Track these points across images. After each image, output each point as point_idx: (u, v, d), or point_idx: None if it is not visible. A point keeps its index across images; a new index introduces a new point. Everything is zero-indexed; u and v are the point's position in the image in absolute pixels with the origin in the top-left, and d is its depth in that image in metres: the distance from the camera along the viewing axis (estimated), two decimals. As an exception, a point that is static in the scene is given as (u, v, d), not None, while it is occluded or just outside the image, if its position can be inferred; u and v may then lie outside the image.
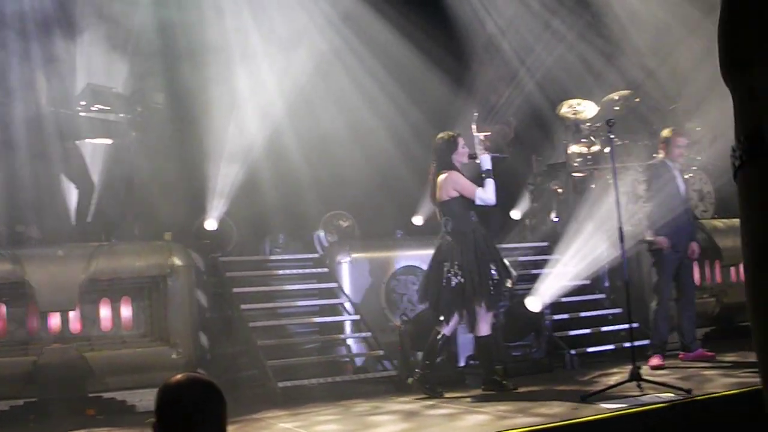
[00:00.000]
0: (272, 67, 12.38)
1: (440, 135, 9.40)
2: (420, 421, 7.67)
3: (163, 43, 11.74)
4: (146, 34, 11.53)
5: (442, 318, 9.08)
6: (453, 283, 8.92)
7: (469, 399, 8.68)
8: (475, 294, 8.89)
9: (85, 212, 10.14)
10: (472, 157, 9.31)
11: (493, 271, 8.99)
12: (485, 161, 9.22)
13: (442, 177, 9.14)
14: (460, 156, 9.28)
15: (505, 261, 9.39)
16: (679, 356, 10.21)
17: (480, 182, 9.11)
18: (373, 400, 8.94)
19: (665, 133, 10.44)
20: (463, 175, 9.22)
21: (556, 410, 7.50)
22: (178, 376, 3.24)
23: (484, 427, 7.09)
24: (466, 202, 9.07)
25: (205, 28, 11.81)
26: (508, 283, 9.21)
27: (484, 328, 9.05)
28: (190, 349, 9.24)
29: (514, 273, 9.51)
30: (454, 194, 9.07)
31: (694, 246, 10.12)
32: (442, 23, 14.09)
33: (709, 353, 10.09)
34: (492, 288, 8.97)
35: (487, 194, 9.04)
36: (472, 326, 9.15)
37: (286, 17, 12.79)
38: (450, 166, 9.19)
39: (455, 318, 9.06)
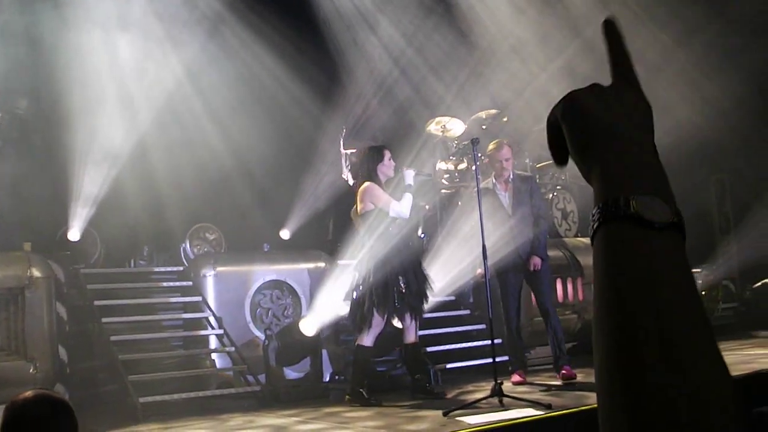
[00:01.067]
0: (139, 75, 12.20)
1: (365, 147, 9.53)
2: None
3: (27, 48, 11.44)
4: (8, 38, 11.21)
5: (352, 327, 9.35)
6: (355, 295, 9.03)
7: (336, 414, 8.67)
8: (373, 306, 8.96)
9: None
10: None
11: (401, 284, 9.05)
12: (408, 176, 9.35)
13: (362, 188, 9.21)
14: (386, 168, 9.35)
15: (423, 275, 9.48)
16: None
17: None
18: (246, 415, 8.90)
19: (489, 147, 10.22)
20: (382, 187, 9.29)
21: (419, 425, 7.56)
22: (26, 393, 3.12)
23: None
24: (383, 214, 9.14)
25: (70, 33, 11.54)
26: (424, 298, 9.34)
27: (369, 340, 9.12)
28: (48, 363, 9.00)
29: (431, 288, 9.57)
30: (371, 206, 9.14)
31: (534, 260, 9.86)
32: (312, 37, 14.10)
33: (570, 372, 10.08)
34: (396, 301, 9.05)
35: (401, 207, 9.14)
36: (360, 334, 9.22)
37: (154, 23, 12.63)
38: (371, 178, 9.26)
39: (370, 328, 9.09)
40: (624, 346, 1.06)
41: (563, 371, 9.69)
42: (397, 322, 9.39)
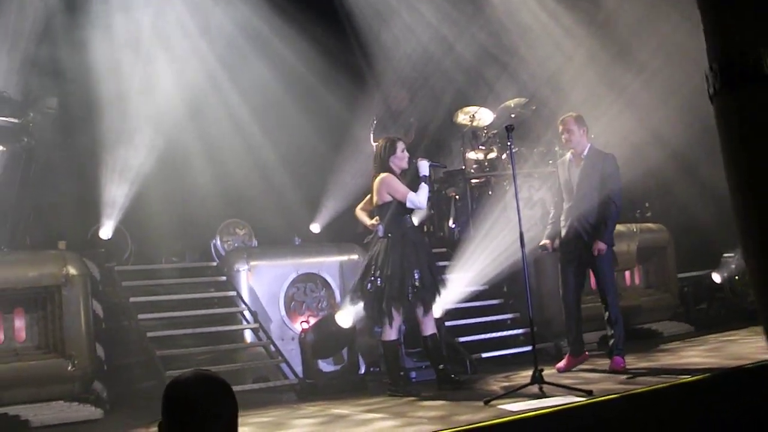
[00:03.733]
0: (166, 76, 12.19)
1: (380, 139, 9.50)
2: (331, 427, 7.64)
3: (57, 46, 11.46)
4: (39, 38, 11.23)
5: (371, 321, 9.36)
6: (371, 287, 9.01)
7: (374, 405, 8.65)
8: (391, 299, 8.94)
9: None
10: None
11: (416, 278, 9.02)
12: (423, 167, 9.33)
13: (378, 179, 9.19)
14: (399, 160, 9.33)
15: (435, 269, 9.45)
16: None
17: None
18: (292, 407, 8.96)
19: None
20: (398, 178, 9.27)
21: (459, 414, 7.53)
22: (187, 373, 3.07)
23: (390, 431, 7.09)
24: (401, 205, 9.13)
25: (99, 34, 11.56)
26: (436, 293, 9.30)
27: (392, 334, 9.11)
28: (86, 360, 9.01)
29: (444, 283, 9.58)
30: (388, 198, 9.12)
31: (598, 245, 9.57)
32: (338, 30, 14.07)
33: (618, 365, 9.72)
34: (410, 295, 9.00)
35: (418, 198, 9.14)
36: (381, 329, 9.20)
37: (181, 25, 12.63)
38: (386, 169, 9.25)
39: (391, 322, 9.08)
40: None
41: (613, 363, 9.55)
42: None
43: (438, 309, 10.37)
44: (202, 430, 2.94)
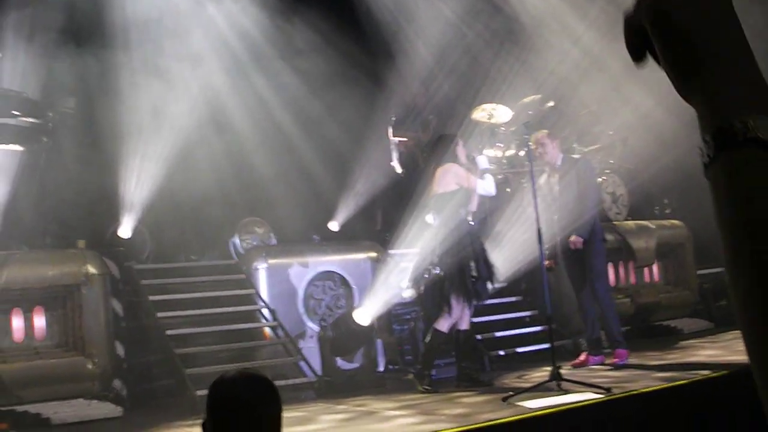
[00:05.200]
0: (186, 73, 12.22)
1: (442, 134, 9.73)
2: (353, 424, 7.65)
3: (76, 46, 11.51)
4: (58, 38, 11.28)
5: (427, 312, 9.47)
6: (431, 276, 9.03)
7: (394, 402, 8.67)
8: (451, 291, 8.94)
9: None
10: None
11: (472, 268, 9.05)
12: (482, 161, 9.61)
13: (442, 168, 9.22)
14: (461, 154, 9.40)
15: (490, 261, 9.46)
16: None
17: None
18: (304, 406, 8.95)
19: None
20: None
21: (478, 411, 7.53)
22: (232, 373, 3.07)
23: (412, 428, 7.09)
24: (461, 197, 9.20)
25: (118, 34, 11.60)
26: (488, 285, 9.33)
27: (442, 324, 9.11)
28: (106, 359, 9.06)
29: (497, 275, 9.59)
30: (453, 187, 9.19)
31: (571, 238, 9.83)
32: (357, 28, 14.07)
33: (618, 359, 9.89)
34: (470, 285, 9.06)
35: (488, 185, 9.36)
36: (438, 319, 9.21)
37: (201, 22, 12.67)
38: (454, 160, 9.31)
39: (446, 312, 9.10)
40: None
41: (616, 355, 9.62)
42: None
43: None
44: (248, 429, 2.95)
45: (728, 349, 10.16)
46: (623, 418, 7.36)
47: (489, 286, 9.40)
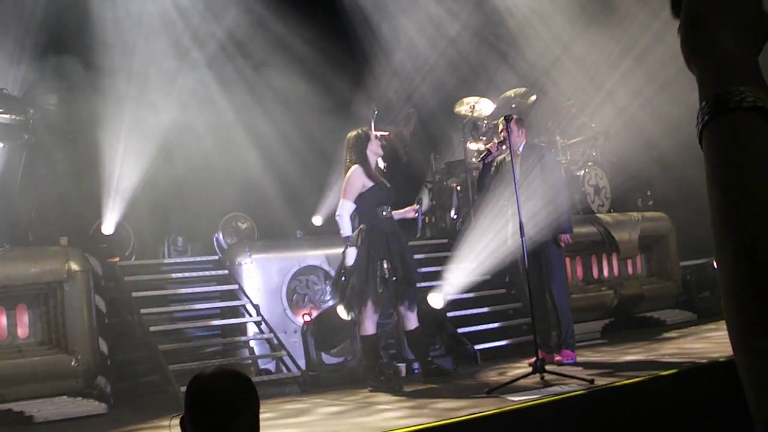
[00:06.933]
0: (169, 68, 12.19)
1: (351, 132, 9.39)
2: (338, 418, 7.65)
3: (56, 43, 11.46)
4: (38, 34, 11.22)
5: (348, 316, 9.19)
6: (343, 279, 8.99)
7: (377, 397, 8.67)
8: (359, 291, 8.89)
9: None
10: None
11: (384, 268, 8.90)
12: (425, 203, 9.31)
13: (349, 171, 9.12)
14: (375, 146, 9.29)
15: (409, 261, 9.33)
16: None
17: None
18: (289, 400, 8.94)
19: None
20: (370, 171, 9.16)
21: (461, 404, 7.54)
22: (211, 369, 3.11)
23: (397, 422, 7.08)
24: (371, 197, 9.06)
25: (99, 28, 11.55)
26: (409, 287, 9.20)
27: (369, 327, 9.04)
28: (89, 355, 9.02)
29: (416, 275, 9.44)
30: (358, 189, 9.08)
31: (563, 237, 9.73)
32: (337, 23, 14.05)
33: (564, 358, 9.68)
34: (380, 287, 8.88)
35: (342, 219, 9.05)
36: (359, 324, 9.14)
37: (183, 20, 12.65)
38: (361, 160, 9.15)
39: (363, 314, 9.00)
40: (760, 237, 1.01)
41: (562, 355, 9.53)
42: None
43: (440, 300, 10.39)
44: (225, 425, 2.95)
45: (711, 341, 10.21)
46: (606, 410, 7.38)
47: (412, 286, 9.22)
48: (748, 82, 1.08)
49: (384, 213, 9.12)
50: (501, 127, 9.64)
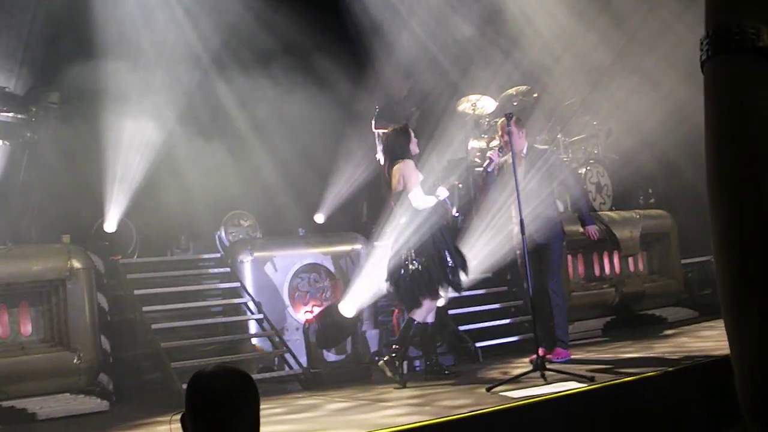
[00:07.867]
0: (173, 64, 12.20)
1: (392, 127, 9.50)
2: (339, 415, 7.66)
3: (59, 41, 11.47)
4: (40, 32, 11.24)
5: (405, 306, 9.35)
6: (411, 269, 8.98)
7: (379, 395, 8.68)
8: (433, 282, 8.98)
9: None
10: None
11: (448, 259, 9.08)
12: (441, 192, 9.39)
13: (397, 166, 9.14)
14: (413, 145, 9.36)
15: (461, 251, 9.46)
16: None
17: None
18: (290, 398, 8.96)
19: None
20: (416, 166, 9.29)
21: (462, 401, 7.55)
22: (211, 366, 3.13)
23: (397, 419, 7.10)
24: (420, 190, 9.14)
25: (101, 26, 11.56)
26: (462, 275, 9.27)
27: (420, 315, 9.10)
28: (91, 353, 9.03)
29: (468, 264, 9.51)
30: (401, 186, 9.14)
31: (589, 229, 9.96)
32: (341, 21, 14.04)
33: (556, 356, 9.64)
34: (450, 275, 9.07)
35: (421, 200, 9.10)
36: (419, 311, 9.16)
37: (182, 19, 12.65)
38: (406, 155, 9.24)
39: (425, 304, 9.07)
40: (755, 175, 1.00)
41: (554, 353, 9.48)
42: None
43: (442, 298, 10.40)
44: (225, 422, 2.96)
45: (711, 339, 10.22)
46: (607, 407, 7.39)
47: (463, 276, 9.33)
48: (751, 14, 1.04)
49: (440, 197, 9.26)
50: (501, 131, 9.69)
